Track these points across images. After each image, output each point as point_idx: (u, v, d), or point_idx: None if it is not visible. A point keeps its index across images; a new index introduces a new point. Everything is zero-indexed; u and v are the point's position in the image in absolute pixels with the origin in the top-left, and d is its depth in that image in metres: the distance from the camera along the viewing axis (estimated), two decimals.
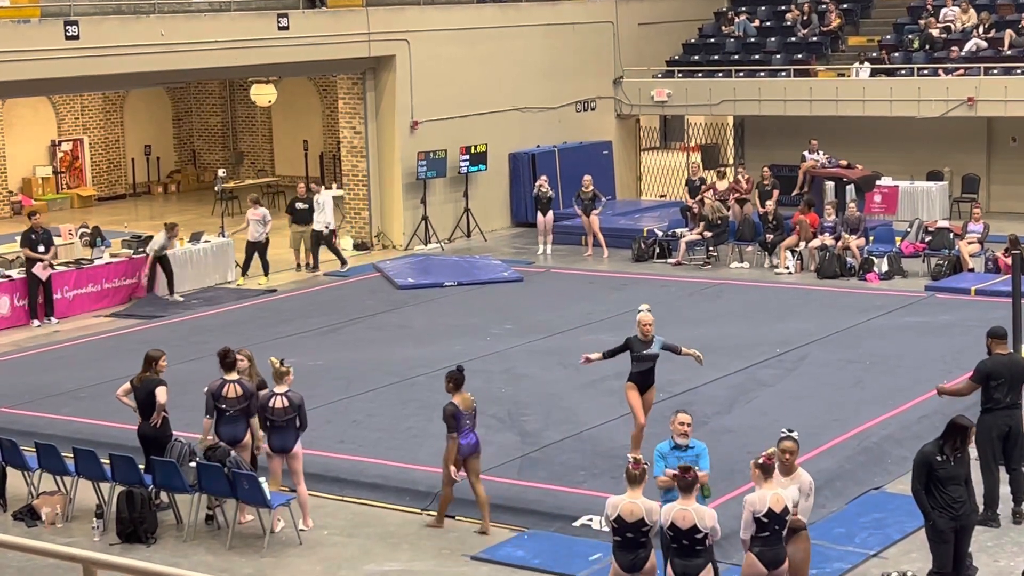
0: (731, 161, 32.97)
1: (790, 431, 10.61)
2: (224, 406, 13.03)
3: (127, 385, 13.57)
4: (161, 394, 13.24)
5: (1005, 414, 12.59)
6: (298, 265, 25.28)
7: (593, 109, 31.30)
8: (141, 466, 13.26)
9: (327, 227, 24.84)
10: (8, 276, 21.79)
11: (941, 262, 23.03)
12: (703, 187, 26.33)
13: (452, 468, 12.57)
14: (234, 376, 13.10)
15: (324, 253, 25.23)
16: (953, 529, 10.81)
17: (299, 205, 25.05)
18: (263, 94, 29.91)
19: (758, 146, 31.69)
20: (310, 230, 25.38)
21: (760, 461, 10.03)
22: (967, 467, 10.96)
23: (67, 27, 21.82)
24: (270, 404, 12.78)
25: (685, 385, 16.92)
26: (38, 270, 21.40)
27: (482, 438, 15.06)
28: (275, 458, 12.92)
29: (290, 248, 25.36)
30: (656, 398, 16.24)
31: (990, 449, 12.53)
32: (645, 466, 10.09)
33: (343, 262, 25.12)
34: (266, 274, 24.22)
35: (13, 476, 13.93)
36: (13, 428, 15.55)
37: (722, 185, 26.76)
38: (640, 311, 13.92)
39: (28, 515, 13.48)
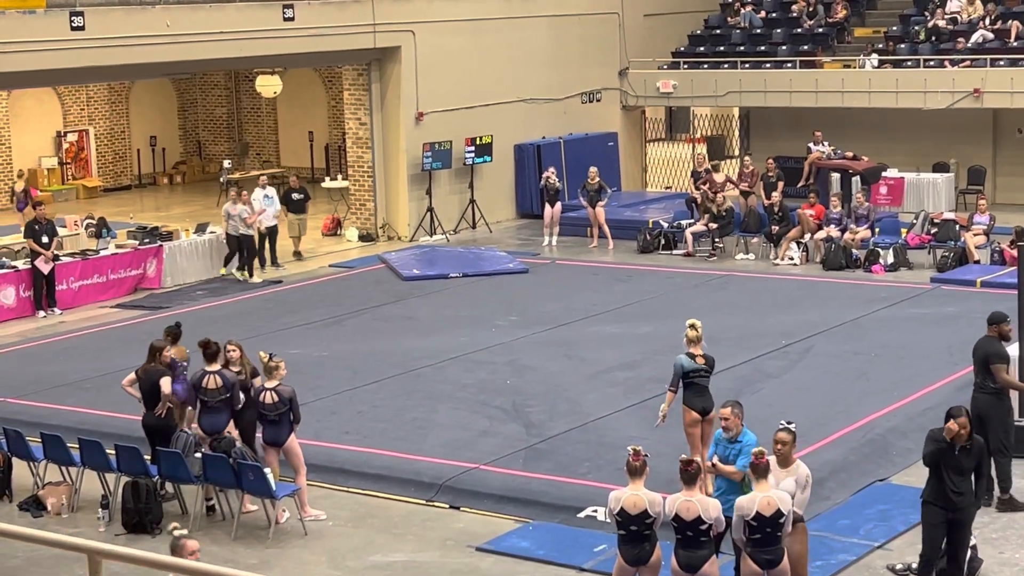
0: (737, 152, 32.94)
1: (788, 423, 10.59)
2: (205, 397, 13.07)
3: (132, 375, 13.60)
4: (165, 384, 13.27)
5: (973, 396, 12.72)
6: (296, 253, 25.37)
7: (598, 100, 31.27)
8: (147, 457, 13.27)
9: (274, 219, 24.55)
10: (14, 267, 21.81)
11: (947, 254, 23.00)
12: (699, 181, 26.29)
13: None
14: (215, 367, 13.13)
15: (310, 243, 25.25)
16: (946, 519, 10.76)
17: (294, 196, 25.20)
18: (268, 85, 29.90)
19: (764, 137, 31.65)
20: (306, 218, 25.54)
21: (750, 460, 10.01)
22: (973, 459, 10.85)
23: (72, 18, 21.82)
24: (260, 398, 12.80)
25: None
26: (40, 263, 21.42)
27: (487, 429, 15.16)
28: (270, 450, 12.96)
29: (288, 237, 25.40)
30: (660, 390, 16.31)
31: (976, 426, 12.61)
32: (646, 457, 10.07)
33: (274, 264, 24.62)
34: (242, 269, 23.90)
35: (19, 467, 13.96)
36: (19, 419, 15.59)
37: (719, 177, 26.67)
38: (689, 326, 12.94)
39: (34, 505, 13.51)
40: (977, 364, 12.77)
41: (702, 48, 32.33)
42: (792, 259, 23.94)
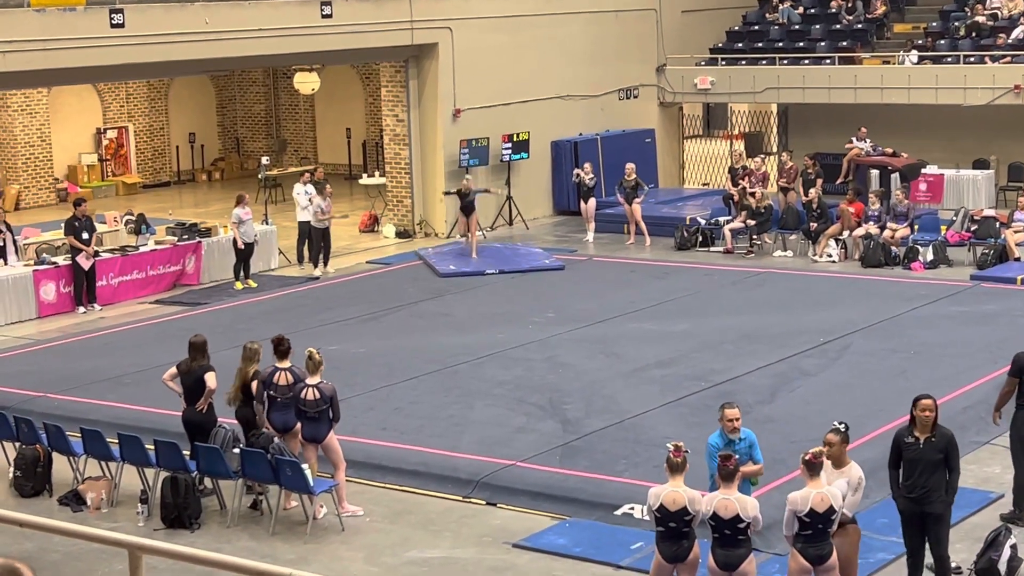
0: (775, 149, 32.81)
1: (839, 424, 10.51)
2: (275, 394, 13.07)
3: (173, 369, 13.64)
4: (211, 380, 13.32)
5: (1019, 415, 12.33)
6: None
7: (636, 97, 31.21)
8: (185, 452, 13.34)
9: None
10: (54, 263, 21.96)
11: (987, 251, 22.85)
12: (737, 177, 26.18)
13: None
14: (286, 364, 13.15)
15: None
16: (915, 513, 10.70)
17: None
18: (306, 82, 29.99)
19: (802, 134, 31.50)
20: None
21: (806, 458, 9.94)
22: (942, 452, 10.70)
23: (112, 15, 21.95)
24: (302, 395, 12.82)
25: (727, 374, 16.86)
26: (81, 259, 21.55)
27: (524, 426, 15.15)
28: (308, 447, 12.98)
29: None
30: (697, 387, 16.27)
31: (1019, 447, 12.38)
32: (687, 453, 10.03)
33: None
34: (248, 276, 23.29)
35: (59, 461, 14.06)
36: (59, 414, 15.68)
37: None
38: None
39: (73, 500, 13.60)
40: None
41: (740, 44, 32.22)
42: (831, 256, 23.83)
